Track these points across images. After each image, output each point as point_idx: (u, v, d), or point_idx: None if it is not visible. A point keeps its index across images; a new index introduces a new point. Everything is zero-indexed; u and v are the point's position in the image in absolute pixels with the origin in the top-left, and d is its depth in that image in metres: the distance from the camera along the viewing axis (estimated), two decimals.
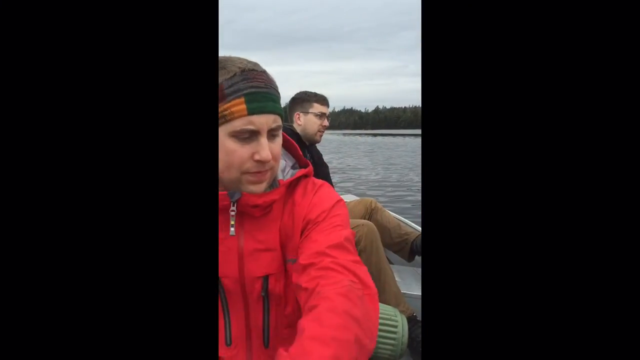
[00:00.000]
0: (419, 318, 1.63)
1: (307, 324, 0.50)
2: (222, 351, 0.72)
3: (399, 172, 10.30)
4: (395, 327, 1.29)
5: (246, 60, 0.65)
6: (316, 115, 1.85)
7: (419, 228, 2.01)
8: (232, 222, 0.67)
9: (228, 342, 0.72)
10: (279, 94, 0.67)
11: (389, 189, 7.52)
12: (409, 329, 1.52)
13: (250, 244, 0.69)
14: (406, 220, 2.13)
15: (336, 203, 0.71)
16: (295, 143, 0.80)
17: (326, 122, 1.88)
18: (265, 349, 0.72)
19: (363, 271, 0.62)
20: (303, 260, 0.62)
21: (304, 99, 1.91)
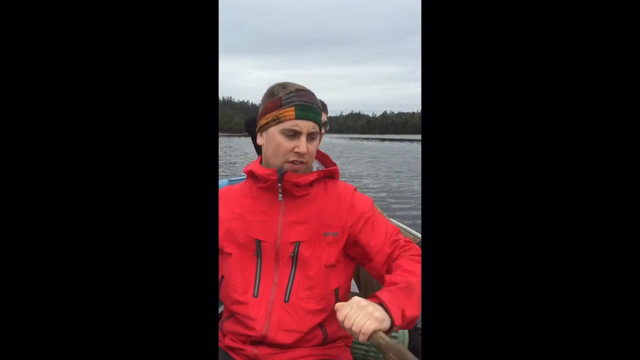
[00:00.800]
0: (419, 326, 1.61)
1: (402, 263, 0.87)
2: (249, 300, 0.90)
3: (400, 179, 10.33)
4: (396, 336, 1.27)
5: (302, 85, 0.94)
6: None
7: (419, 235, 1.98)
8: (280, 191, 0.92)
9: (255, 293, 0.91)
10: (320, 109, 0.93)
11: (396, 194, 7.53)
12: (409, 337, 1.50)
13: (288, 218, 0.92)
14: (406, 227, 2.11)
15: (372, 201, 0.97)
16: (325, 154, 1.11)
17: (323, 129, 1.83)
18: (285, 303, 0.90)
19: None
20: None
21: None
